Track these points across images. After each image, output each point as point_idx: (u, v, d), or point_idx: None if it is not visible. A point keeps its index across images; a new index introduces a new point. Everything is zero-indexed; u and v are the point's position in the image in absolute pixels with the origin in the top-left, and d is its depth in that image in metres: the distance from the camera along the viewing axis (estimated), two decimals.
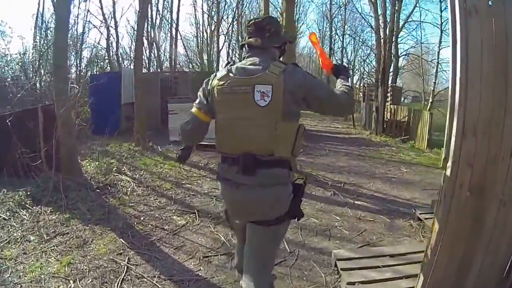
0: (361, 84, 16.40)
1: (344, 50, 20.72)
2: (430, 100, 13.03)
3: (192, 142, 2.01)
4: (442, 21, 12.91)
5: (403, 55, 13.37)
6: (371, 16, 11.91)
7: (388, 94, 11.78)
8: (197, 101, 1.80)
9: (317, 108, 1.74)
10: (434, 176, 6.60)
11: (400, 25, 11.26)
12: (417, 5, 12.66)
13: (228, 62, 1.76)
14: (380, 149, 9.37)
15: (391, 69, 12.76)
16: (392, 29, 10.58)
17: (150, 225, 3.97)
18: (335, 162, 7.57)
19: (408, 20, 11.98)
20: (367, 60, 16.00)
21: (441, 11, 12.72)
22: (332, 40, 22.49)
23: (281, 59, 1.85)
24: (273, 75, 1.57)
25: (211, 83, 1.73)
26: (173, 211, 4.44)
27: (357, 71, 18.37)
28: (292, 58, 7.94)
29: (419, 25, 12.96)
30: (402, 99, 25.13)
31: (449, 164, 1.89)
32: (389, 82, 12.42)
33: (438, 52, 13.22)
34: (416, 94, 24.97)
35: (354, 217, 4.41)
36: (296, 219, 1.80)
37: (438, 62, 13.27)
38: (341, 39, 20.65)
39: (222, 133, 1.71)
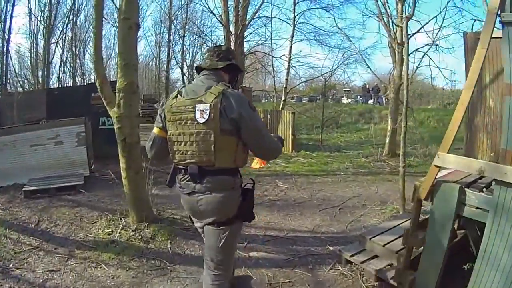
0: None
1: (184, 53, 18.96)
2: (283, 99, 12.95)
3: (158, 159, 2.13)
4: (295, 15, 12.66)
5: (251, 53, 12.79)
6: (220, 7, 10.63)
7: None
8: (156, 121, 2.06)
9: (247, 138, 1.86)
10: (324, 187, 5.58)
11: (247, 21, 10.51)
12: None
13: (182, 87, 2.01)
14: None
15: None
16: (244, 24, 9.71)
17: None
18: None
19: (255, 17, 11.47)
20: None
21: (295, 4, 12.55)
22: (171, 44, 21.02)
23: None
24: (212, 95, 1.81)
25: (165, 105, 2.00)
26: None
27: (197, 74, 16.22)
28: None
29: (269, 21, 12.48)
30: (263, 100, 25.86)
31: None
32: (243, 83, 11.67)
33: (290, 47, 13.08)
34: (265, 94, 25.79)
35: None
36: (248, 222, 2.05)
37: (290, 57, 13.22)
38: (182, 40, 18.92)
39: (172, 147, 1.95)
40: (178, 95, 1.93)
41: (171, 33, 20.99)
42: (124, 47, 3.71)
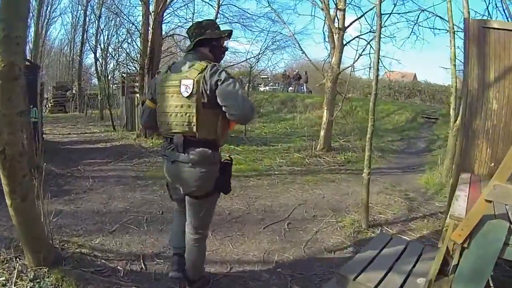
0: (118, 74, 13.62)
1: (99, 35, 16.21)
2: None
3: (149, 127, 2.61)
4: None
5: (169, 35, 11.43)
6: None
7: None
8: (148, 93, 2.42)
9: (224, 99, 1.99)
10: (261, 193, 4.80)
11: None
12: None
13: (172, 64, 2.27)
14: (158, 160, 6.74)
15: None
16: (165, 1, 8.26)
17: None
18: (109, 202, 4.38)
19: None
20: (127, 43, 12.66)
21: None
22: (86, 26, 17.74)
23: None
24: (195, 71, 2.03)
25: (157, 79, 2.33)
26: None
27: (112, 59, 14.07)
28: None
29: (191, 1, 11.20)
30: None
31: None
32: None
33: None
34: None
35: None
36: (224, 193, 2.32)
37: None
38: (97, 21, 16.08)
39: (160, 118, 2.22)
40: (168, 70, 2.19)
41: (87, 14, 17.96)
42: (7, 9, 2.24)
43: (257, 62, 12.13)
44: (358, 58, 7.31)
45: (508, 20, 6.01)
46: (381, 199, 4.85)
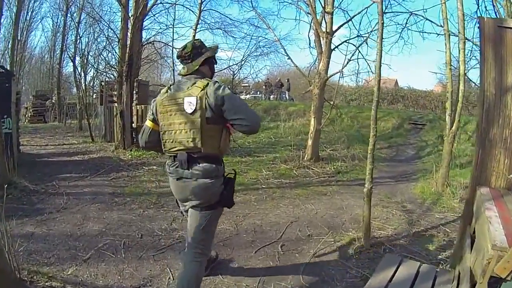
0: (96, 83, 13.48)
1: (78, 42, 15.70)
2: None
3: (149, 148, 2.55)
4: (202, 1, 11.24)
5: (149, 42, 11.41)
6: None
7: (134, 92, 9.54)
8: (148, 114, 2.46)
9: (231, 113, 2.11)
10: (249, 210, 4.47)
11: (149, 8, 8.78)
12: None
13: (171, 84, 2.42)
14: (137, 174, 6.37)
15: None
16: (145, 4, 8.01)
17: None
18: (83, 224, 4.01)
19: (157, 3, 9.83)
20: (107, 50, 12.38)
21: None
22: (65, 33, 17.33)
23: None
24: (198, 89, 2.15)
25: (156, 100, 2.35)
26: None
27: (91, 67, 13.76)
28: None
29: (172, 7, 11.16)
30: None
31: None
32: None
33: (194, 36, 11.35)
34: (158, 89, 23.31)
35: None
36: (228, 207, 2.42)
37: None
38: (76, 28, 15.54)
39: (163, 136, 2.29)
40: (168, 90, 2.31)
41: (67, 20, 17.64)
42: None
43: (240, 69, 11.88)
44: (348, 63, 7.14)
45: None
46: (378, 213, 4.62)
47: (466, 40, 5.46)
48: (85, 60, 13.63)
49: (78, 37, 14.62)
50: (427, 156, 9.31)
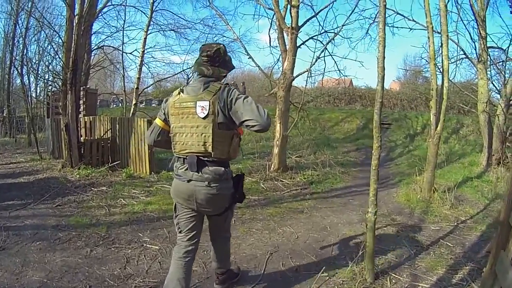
0: (45, 93, 12.68)
1: (26, 49, 14.69)
2: (134, 102, 11.09)
3: (157, 146, 2.66)
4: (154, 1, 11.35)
5: (99, 47, 11.69)
6: None
7: (81, 102, 8.95)
8: (159, 113, 2.50)
9: (243, 113, 2.17)
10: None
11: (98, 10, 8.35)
12: None
13: (183, 86, 2.45)
14: (84, 198, 5.51)
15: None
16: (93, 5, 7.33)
17: None
18: (22, 271, 3.18)
19: (107, 5, 9.63)
20: (52, 56, 12.01)
21: None
22: (15, 43, 16.14)
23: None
24: (210, 93, 2.22)
25: (168, 101, 2.43)
26: None
27: (41, 78, 13.13)
28: None
29: (123, 9, 11.44)
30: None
31: None
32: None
33: (145, 39, 11.63)
34: (114, 98, 23.04)
35: None
36: (240, 203, 2.51)
37: (143, 52, 11.59)
38: (23, 35, 14.38)
39: (174, 138, 2.38)
40: (181, 92, 2.36)
41: (17, 28, 16.49)
42: None
43: (195, 73, 11.30)
44: (316, 61, 6.70)
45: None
46: None
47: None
48: (31, 69, 13.04)
49: (25, 45, 14.25)
50: (398, 157, 9.17)
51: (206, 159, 2.25)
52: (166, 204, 5.13)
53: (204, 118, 2.19)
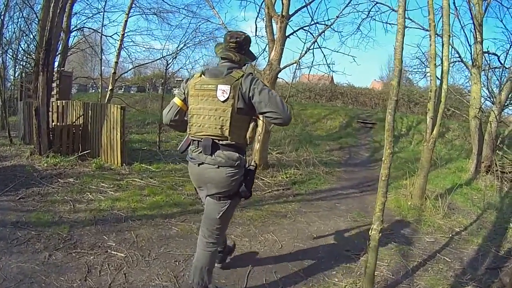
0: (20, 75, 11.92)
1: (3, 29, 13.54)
2: (110, 88, 10.42)
3: (172, 126, 2.59)
4: None
5: (77, 29, 11.06)
6: None
7: (54, 85, 8.36)
8: (178, 93, 2.51)
9: (264, 105, 2.21)
10: (193, 249, 3.27)
11: None
12: None
13: (205, 69, 2.44)
14: (49, 190, 4.97)
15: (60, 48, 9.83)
16: None
17: None
18: None
19: None
20: (26, 35, 11.67)
21: None
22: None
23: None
24: (233, 78, 2.26)
25: (188, 82, 2.45)
26: None
27: (16, 59, 12.37)
28: None
29: None
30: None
31: None
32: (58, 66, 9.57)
33: (126, 22, 10.95)
34: (93, 83, 22.35)
35: None
36: (245, 199, 2.48)
37: (123, 35, 10.94)
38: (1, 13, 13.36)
39: (191, 120, 2.39)
40: (202, 75, 2.37)
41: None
42: None
43: (175, 59, 10.91)
44: (306, 52, 6.33)
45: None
46: (360, 243, 3.81)
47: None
48: (8, 48, 12.15)
49: (3, 23, 12.97)
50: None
51: (221, 142, 2.27)
52: (136, 201, 4.68)
53: (224, 101, 2.22)
